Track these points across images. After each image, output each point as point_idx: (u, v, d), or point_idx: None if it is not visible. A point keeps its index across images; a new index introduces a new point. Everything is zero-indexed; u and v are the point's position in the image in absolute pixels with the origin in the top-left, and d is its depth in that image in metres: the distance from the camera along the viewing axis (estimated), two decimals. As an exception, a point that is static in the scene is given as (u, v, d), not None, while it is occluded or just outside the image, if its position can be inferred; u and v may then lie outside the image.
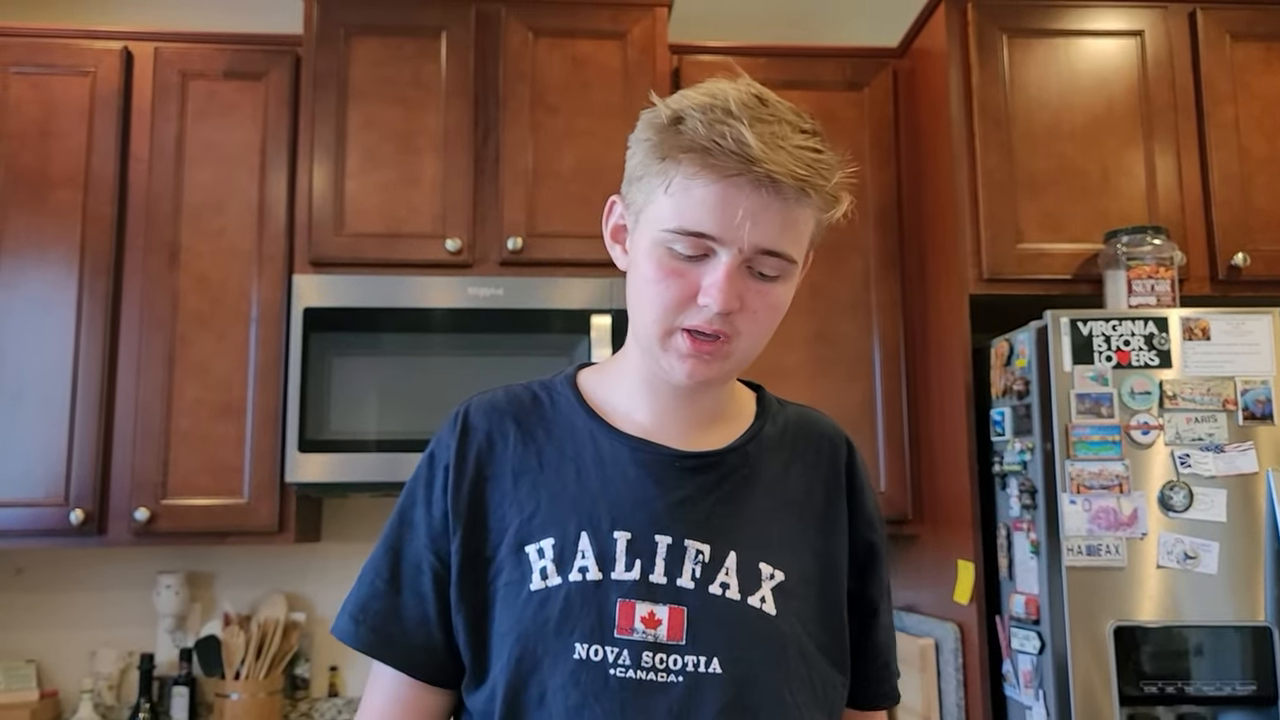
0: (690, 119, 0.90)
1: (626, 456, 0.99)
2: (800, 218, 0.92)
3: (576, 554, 0.95)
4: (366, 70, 2.45)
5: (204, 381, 2.37)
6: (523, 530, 0.97)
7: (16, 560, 2.62)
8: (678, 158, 0.91)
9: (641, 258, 0.95)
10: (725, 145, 0.87)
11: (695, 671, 0.92)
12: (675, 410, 1.01)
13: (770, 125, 0.89)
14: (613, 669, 0.92)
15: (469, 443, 1.01)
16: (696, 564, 0.95)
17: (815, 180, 0.90)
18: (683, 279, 0.92)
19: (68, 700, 2.57)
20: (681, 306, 0.92)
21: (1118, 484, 1.93)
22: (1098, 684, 1.89)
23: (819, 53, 2.64)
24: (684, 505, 0.97)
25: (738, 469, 1.00)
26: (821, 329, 2.50)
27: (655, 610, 0.93)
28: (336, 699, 2.63)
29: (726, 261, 0.90)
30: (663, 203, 0.92)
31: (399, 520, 1.02)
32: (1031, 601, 2.00)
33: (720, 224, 0.89)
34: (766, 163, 0.87)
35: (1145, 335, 1.98)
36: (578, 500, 0.97)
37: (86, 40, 2.48)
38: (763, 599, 0.96)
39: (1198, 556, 1.91)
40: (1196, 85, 2.36)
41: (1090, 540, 1.92)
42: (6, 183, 2.40)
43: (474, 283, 2.36)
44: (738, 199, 0.89)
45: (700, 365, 0.94)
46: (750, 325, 0.94)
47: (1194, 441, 1.94)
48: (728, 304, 0.90)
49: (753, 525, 0.99)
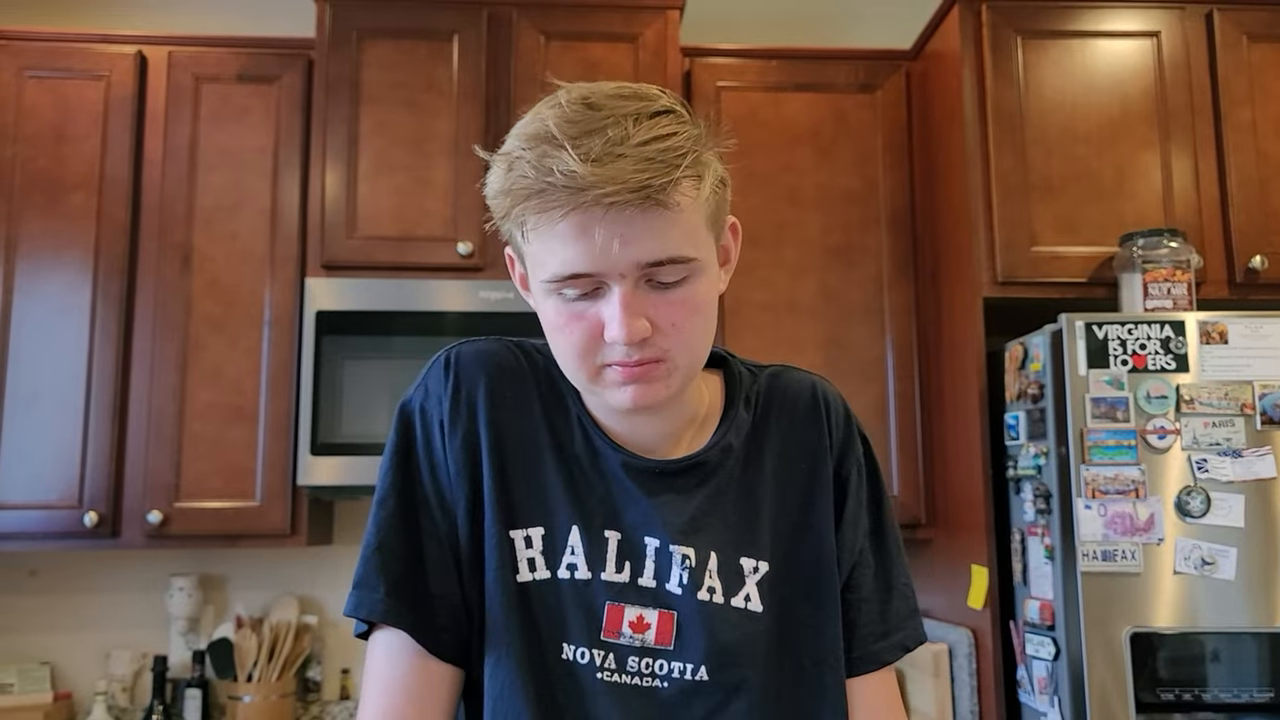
0: (518, 164, 0.83)
1: (613, 455, 0.95)
2: (672, 216, 0.84)
3: (566, 549, 0.92)
4: (378, 74, 2.45)
5: (217, 384, 2.37)
6: (512, 511, 0.93)
7: (31, 562, 2.63)
8: (521, 208, 0.84)
9: (542, 308, 0.90)
10: (555, 181, 0.81)
11: (682, 679, 0.91)
12: (643, 425, 0.96)
13: (603, 133, 0.81)
14: (599, 672, 0.90)
15: (462, 398, 0.95)
16: (684, 569, 0.92)
17: (658, 180, 0.81)
18: (584, 320, 0.86)
19: (81, 702, 2.57)
20: (594, 347, 0.87)
21: (1133, 489, 1.92)
22: (1113, 690, 1.87)
23: (831, 55, 2.63)
24: (668, 510, 0.94)
25: (718, 467, 0.97)
26: (834, 333, 2.49)
27: (644, 614, 0.91)
28: (348, 701, 2.63)
29: (618, 291, 0.84)
30: (532, 252, 0.87)
31: (404, 485, 0.94)
32: (1046, 607, 1.98)
33: (588, 258, 0.83)
34: (600, 186, 0.80)
35: (1162, 339, 1.97)
36: (570, 491, 0.94)
37: (101, 45, 2.49)
38: (747, 597, 0.94)
39: (1215, 562, 1.89)
40: (1213, 87, 2.34)
41: (1106, 545, 1.91)
42: (22, 186, 2.41)
43: (485, 286, 2.36)
44: (591, 227, 0.82)
45: (644, 389, 0.87)
46: (675, 338, 0.87)
47: (1211, 446, 1.93)
48: (632, 334, 0.84)
49: (733, 521, 0.96)
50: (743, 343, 2.43)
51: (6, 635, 2.60)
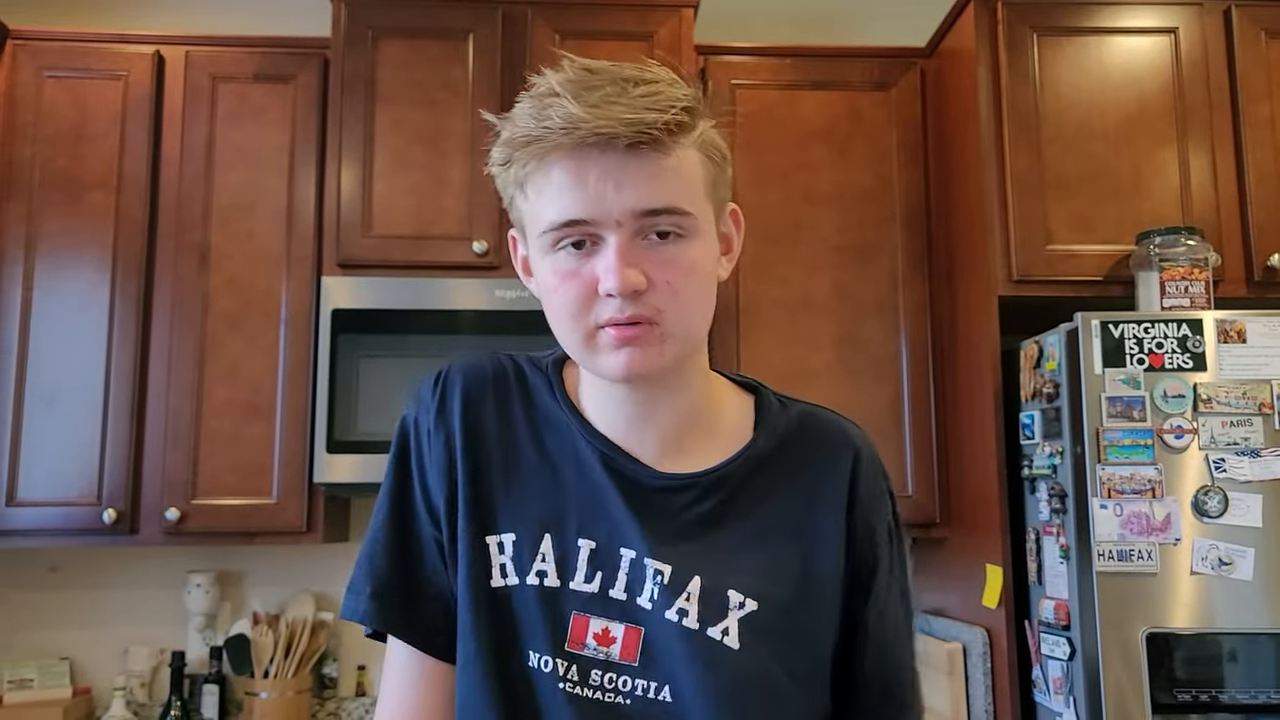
0: (519, 116, 0.85)
1: (600, 463, 0.93)
2: (670, 165, 0.84)
3: (537, 556, 0.91)
4: (394, 73, 2.46)
5: (233, 382, 2.39)
6: (488, 517, 0.93)
7: (50, 559, 2.66)
8: (520, 158, 0.86)
9: (540, 273, 0.91)
10: (553, 125, 0.82)
11: (645, 696, 0.88)
12: (641, 424, 0.94)
13: (600, 90, 0.83)
14: (561, 682, 0.88)
15: (447, 409, 0.96)
16: (656, 585, 0.89)
17: (648, 117, 0.81)
18: (579, 276, 0.86)
19: (100, 697, 2.60)
20: (589, 304, 0.86)
21: (1150, 488, 1.91)
22: (1129, 691, 1.87)
23: (846, 53, 2.62)
24: (651, 523, 0.91)
25: (713, 493, 0.93)
26: (848, 331, 2.48)
27: (610, 627, 0.89)
28: (364, 698, 2.64)
29: (614, 240, 0.84)
30: (530, 209, 0.88)
31: (398, 492, 0.97)
32: (1061, 607, 1.98)
33: (583, 203, 0.83)
34: (594, 121, 0.81)
35: (1179, 338, 1.96)
36: (547, 498, 0.93)
37: (119, 45, 2.50)
38: (725, 630, 0.89)
39: (1232, 562, 1.88)
40: (1231, 83, 2.32)
41: (1122, 545, 1.90)
42: (42, 185, 2.43)
43: (501, 285, 2.36)
44: (587, 170, 0.83)
45: (636, 353, 0.86)
46: (670, 299, 0.85)
47: (1229, 446, 1.91)
48: (625, 283, 0.83)
49: (726, 550, 0.91)
50: (757, 340, 2.43)
51: (27, 631, 2.63)
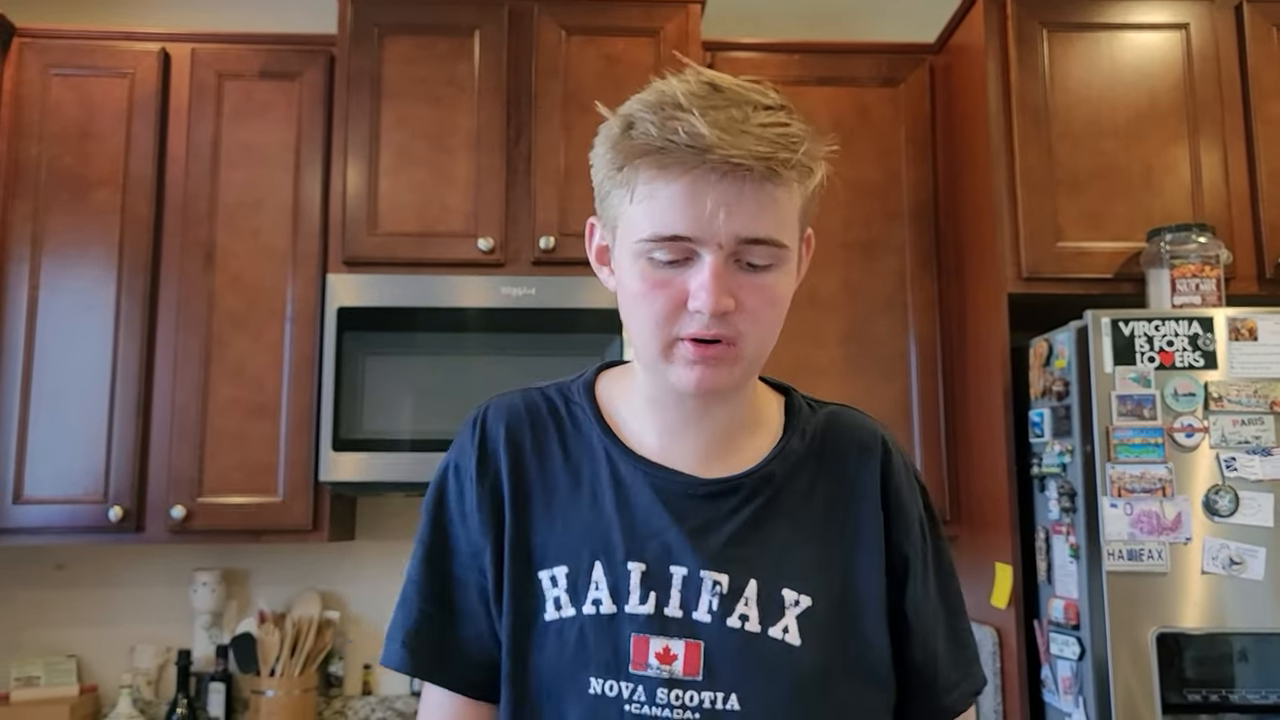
0: (640, 122, 0.86)
1: (641, 481, 0.95)
2: (778, 197, 0.87)
3: (590, 585, 0.92)
4: (400, 69, 2.45)
5: (239, 380, 2.39)
6: (537, 553, 0.95)
7: (57, 556, 2.66)
8: (635, 164, 0.87)
9: (626, 274, 0.92)
10: (679, 140, 0.84)
11: (713, 709, 0.89)
12: (685, 431, 0.96)
13: (726, 110, 0.84)
14: (628, 704, 0.89)
15: (488, 451, 0.99)
16: (714, 596, 0.91)
17: (781, 154, 0.84)
18: (670, 287, 0.87)
19: (107, 695, 2.60)
20: (675, 316, 0.88)
21: (1160, 487, 1.89)
22: (1139, 691, 1.85)
23: (854, 49, 2.61)
24: (700, 534, 0.93)
25: (760, 492, 0.95)
26: (856, 328, 2.47)
27: (670, 645, 0.90)
28: (370, 697, 2.64)
29: (710, 261, 0.86)
30: (632, 213, 0.89)
31: (434, 536, 0.99)
32: (1071, 606, 1.97)
33: (692, 222, 0.85)
34: (724, 148, 0.83)
35: (1189, 335, 1.94)
36: (592, 527, 0.94)
37: (125, 42, 2.50)
38: (785, 629, 0.91)
39: (1244, 562, 1.86)
40: (1243, 80, 2.31)
41: (1132, 545, 1.88)
42: (48, 183, 2.43)
43: (506, 282, 2.36)
44: (704, 192, 0.84)
45: (709, 372, 0.89)
46: (752, 325, 0.88)
47: (1240, 444, 1.90)
48: (718, 305, 0.85)
49: (776, 550, 0.94)
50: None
51: (33, 629, 2.63)
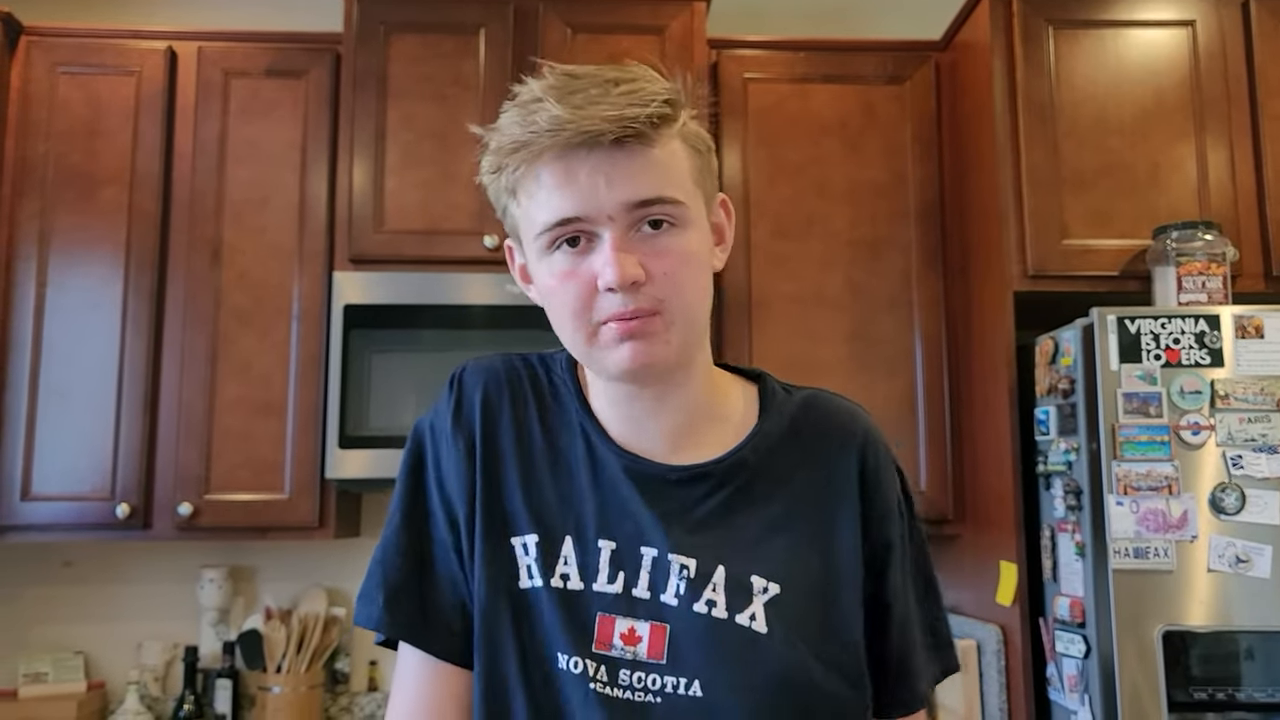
0: (506, 125, 0.88)
1: (615, 463, 0.94)
2: (654, 157, 0.86)
3: (559, 559, 0.91)
4: (406, 68, 2.46)
5: (245, 378, 2.39)
6: (510, 520, 0.93)
7: (64, 553, 2.67)
8: (511, 164, 0.88)
9: (538, 278, 0.92)
10: (540, 128, 0.84)
11: (674, 694, 0.88)
12: (645, 422, 0.95)
13: (582, 92, 0.85)
14: (592, 683, 0.88)
15: (464, 413, 0.97)
16: (681, 579, 0.90)
17: (631, 111, 0.84)
18: (577, 275, 0.87)
19: (114, 691, 2.61)
20: (589, 301, 0.87)
21: (1166, 485, 1.89)
22: (1145, 689, 1.85)
23: (859, 46, 2.61)
24: (671, 518, 0.91)
25: (732, 478, 0.94)
26: (861, 326, 2.47)
27: (636, 626, 0.89)
28: (376, 693, 2.64)
29: (608, 236, 0.85)
30: (524, 214, 0.90)
31: (411, 498, 0.98)
32: (1076, 604, 1.96)
33: (574, 200, 0.85)
34: (581, 121, 0.83)
35: (1196, 333, 1.94)
36: (565, 500, 0.93)
37: (132, 40, 2.51)
38: (752, 616, 0.90)
39: (1250, 560, 1.86)
40: (1250, 77, 2.30)
41: (1138, 543, 1.88)
42: (55, 182, 2.44)
43: (512, 280, 2.34)
44: (577, 169, 0.85)
45: (641, 346, 0.87)
46: (670, 288, 0.87)
47: (1247, 442, 1.89)
48: (624, 275, 0.84)
49: (746, 537, 0.92)
50: (769, 334, 2.42)
51: (41, 625, 2.64)
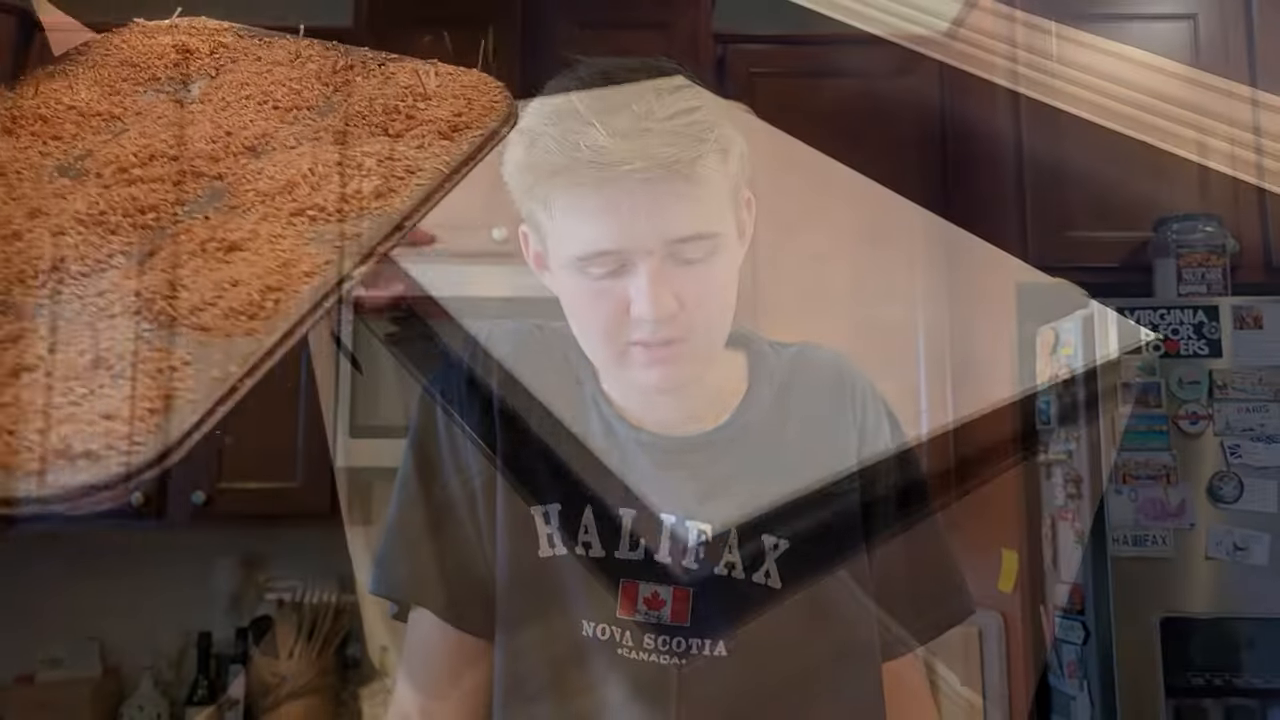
0: (543, 139, 0.85)
1: (629, 436, 0.94)
2: (699, 190, 0.84)
3: (580, 527, 0.91)
4: (414, 62, 2.47)
5: (258, 368, 2.41)
6: (531, 487, 0.93)
7: (80, 542, 2.70)
8: (547, 184, 0.85)
9: (565, 287, 0.90)
10: (582, 157, 0.81)
11: (700, 654, 0.89)
12: (663, 406, 0.96)
13: (627, 110, 0.82)
14: (619, 649, 0.89)
15: (478, 379, 0.96)
16: (700, 544, 0.91)
17: (688, 154, 0.81)
18: (609, 297, 0.85)
19: (129, 677, 2.64)
20: (620, 324, 0.86)
21: (1165, 474, 1.91)
22: (1144, 675, 1.88)
23: (865, 40, 2.62)
24: (685, 486, 0.93)
25: (735, 443, 0.95)
26: (865, 318, 2.48)
27: (659, 591, 0.90)
28: (387, 679, 2.67)
29: (644, 269, 0.83)
30: (557, 228, 0.87)
31: (424, 463, 0.96)
32: (1076, 591, 1.99)
33: (616, 234, 0.83)
34: (629, 160, 0.80)
35: (1194, 324, 1.96)
36: (584, 470, 0.93)
37: (143, 35, 2.53)
38: (767, 573, 0.92)
39: (1247, 548, 1.88)
40: (1251, 70, 2.31)
41: (1137, 531, 1.91)
42: (68, 175, 2.46)
43: (520, 272, 2.33)
44: (620, 202, 0.82)
45: (669, 369, 0.88)
46: (699, 316, 0.87)
47: (1245, 432, 1.92)
48: (661, 311, 0.83)
49: (754, 497, 0.93)
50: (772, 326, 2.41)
51: (56, 612, 2.67)
